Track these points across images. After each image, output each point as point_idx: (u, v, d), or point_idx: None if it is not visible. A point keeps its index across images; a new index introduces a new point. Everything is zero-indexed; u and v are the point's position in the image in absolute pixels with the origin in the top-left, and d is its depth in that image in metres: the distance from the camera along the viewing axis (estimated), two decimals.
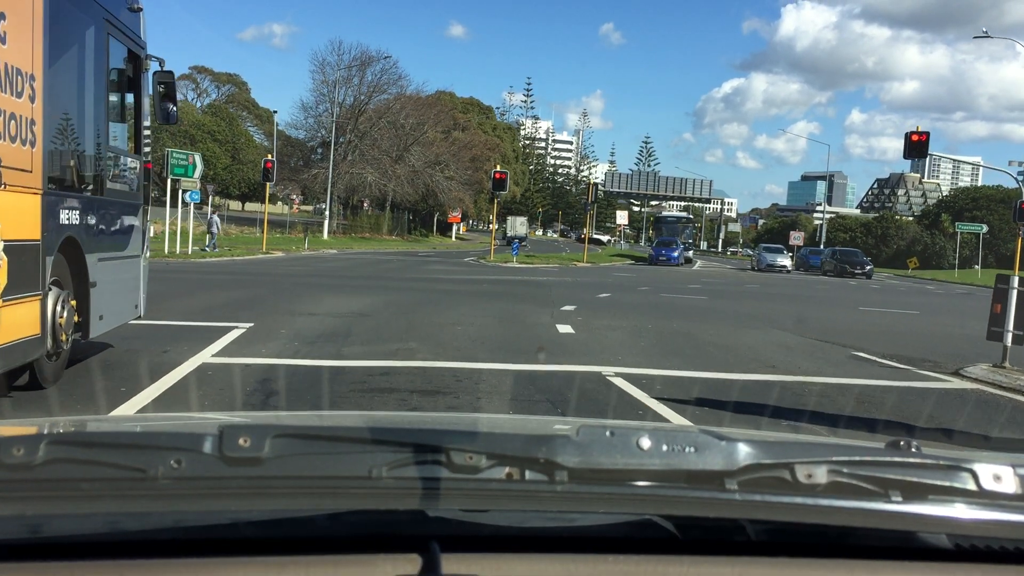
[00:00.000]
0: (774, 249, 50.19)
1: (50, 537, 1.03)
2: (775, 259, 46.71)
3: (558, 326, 11.35)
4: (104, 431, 1.45)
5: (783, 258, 47.47)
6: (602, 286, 21.83)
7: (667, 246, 47.51)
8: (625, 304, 15.98)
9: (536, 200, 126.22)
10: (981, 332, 9.80)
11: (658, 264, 44.82)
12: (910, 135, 33.57)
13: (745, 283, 28.94)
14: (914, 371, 9.29)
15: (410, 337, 9.78)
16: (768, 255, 47.39)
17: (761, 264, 46.66)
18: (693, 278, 31.44)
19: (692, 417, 6.04)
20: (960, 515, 1.14)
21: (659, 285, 23.79)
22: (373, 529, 1.08)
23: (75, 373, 6.69)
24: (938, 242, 75.09)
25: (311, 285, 17.77)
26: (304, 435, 1.20)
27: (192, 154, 33.43)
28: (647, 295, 18.93)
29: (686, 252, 51.42)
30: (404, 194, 64.67)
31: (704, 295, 19.86)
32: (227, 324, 9.85)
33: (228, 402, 6.18)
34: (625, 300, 17.13)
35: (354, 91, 64.56)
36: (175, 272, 20.81)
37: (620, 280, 26.23)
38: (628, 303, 16.39)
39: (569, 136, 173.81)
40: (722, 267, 52.83)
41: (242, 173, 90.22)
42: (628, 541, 1.13)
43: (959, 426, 6.52)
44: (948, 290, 33.26)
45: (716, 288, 23.70)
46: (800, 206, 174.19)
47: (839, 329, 13.11)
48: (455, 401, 6.43)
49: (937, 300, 25.64)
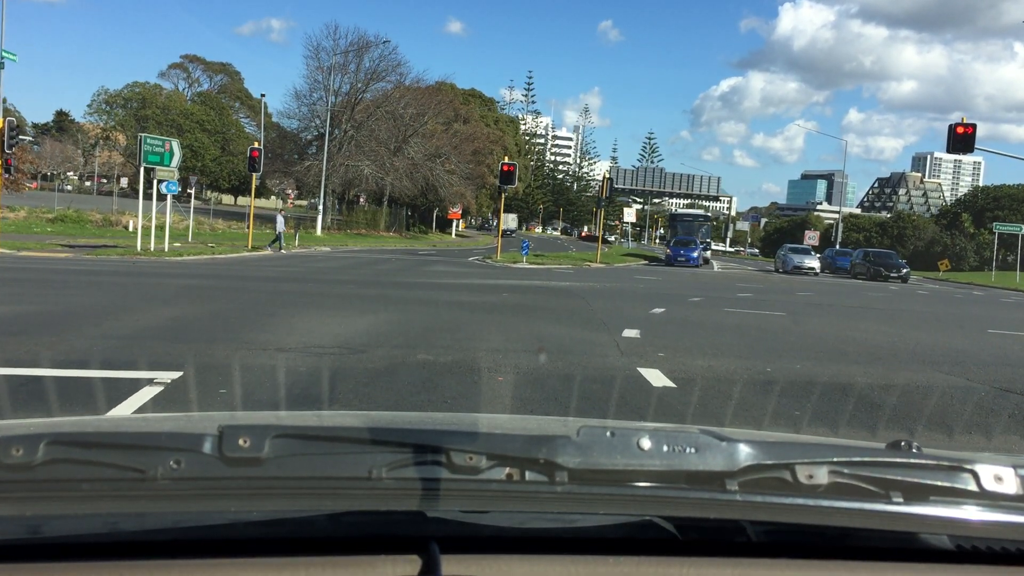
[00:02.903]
0: (801, 250, 47.05)
1: (50, 537, 1.02)
2: (803, 261, 43.66)
3: (643, 372, 7.56)
4: (103, 431, 1.40)
5: (811, 260, 44.34)
6: (645, 297, 18.32)
7: (685, 246, 44.79)
8: (697, 326, 12.32)
9: (537, 196, 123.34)
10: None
11: (676, 265, 42.52)
12: (954, 127, 29.92)
13: (795, 290, 25.40)
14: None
15: (429, 400, 6.21)
16: (795, 256, 44.30)
17: (787, 266, 43.55)
18: (732, 284, 28.10)
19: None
20: (961, 516, 1.13)
21: (709, 294, 20.22)
22: (373, 530, 1.07)
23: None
24: (959, 243, 72.45)
25: (291, 294, 14.35)
26: (304, 436, 1.17)
27: (168, 140, 30.23)
28: (709, 311, 15.31)
29: (704, 252, 48.87)
30: (402, 188, 61.71)
31: (774, 309, 16.27)
32: (139, 375, 6.26)
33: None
34: (692, 319, 13.48)
35: (350, 78, 61.61)
36: (134, 275, 17.80)
37: (655, 287, 22.71)
38: (699, 324, 12.73)
39: (569, 132, 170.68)
40: (743, 268, 49.69)
41: (232, 165, 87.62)
42: (628, 542, 1.12)
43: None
44: (1019, 300, 29.63)
45: (772, 299, 19.98)
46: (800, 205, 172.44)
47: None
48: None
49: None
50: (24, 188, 45.85)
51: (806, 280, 35.75)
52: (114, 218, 44.74)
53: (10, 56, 28.67)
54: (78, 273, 17.33)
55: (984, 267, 59.31)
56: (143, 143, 27.78)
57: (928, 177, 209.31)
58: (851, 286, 32.15)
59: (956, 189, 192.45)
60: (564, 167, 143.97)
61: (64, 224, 41.07)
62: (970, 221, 74.87)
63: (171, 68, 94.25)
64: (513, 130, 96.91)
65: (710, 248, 59.05)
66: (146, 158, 27.81)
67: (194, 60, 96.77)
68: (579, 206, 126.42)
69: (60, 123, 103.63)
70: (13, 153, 28.60)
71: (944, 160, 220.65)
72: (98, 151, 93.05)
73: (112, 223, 43.34)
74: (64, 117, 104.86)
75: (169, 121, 77.10)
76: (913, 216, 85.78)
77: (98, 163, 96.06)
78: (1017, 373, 9.25)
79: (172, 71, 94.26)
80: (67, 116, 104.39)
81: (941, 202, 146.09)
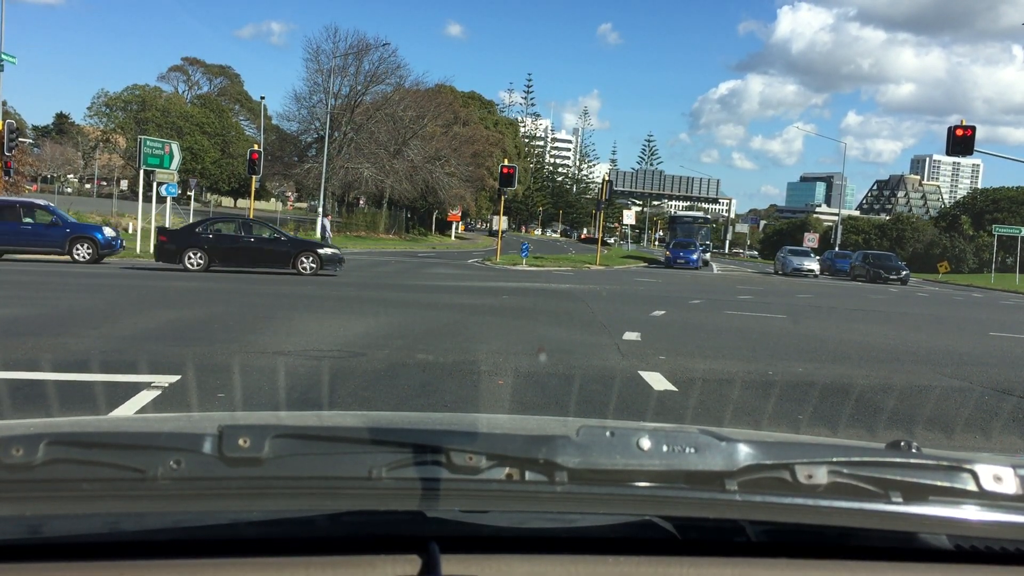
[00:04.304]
0: (800, 252, 47.03)
1: (50, 537, 1.02)
2: (802, 263, 43.59)
3: (643, 375, 7.55)
4: (104, 431, 1.40)
5: (811, 262, 44.28)
6: (645, 299, 18.29)
7: (685, 248, 44.88)
8: (698, 328, 12.28)
9: (536, 199, 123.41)
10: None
11: (675, 267, 42.64)
12: (954, 130, 29.85)
13: (795, 292, 25.32)
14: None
15: (429, 403, 6.19)
16: (795, 259, 44.24)
17: (787, 268, 43.49)
18: (731, 286, 28.12)
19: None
20: (961, 516, 1.13)
21: (709, 297, 20.23)
22: (373, 530, 1.07)
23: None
24: (958, 245, 72.48)
25: (290, 297, 14.19)
26: (304, 435, 1.17)
27: (168, 143, 30.29)
28: (710, 313, 15.28)
29: (704, 254, 48.96)
30: (402, 191, 61.75)
31: (775, 312, 16.23)
32: (137, 378, 6.25)
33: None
34: (692, 321, 13.43)
35: (350, 81, 61.57)
36: (132, 278, 17.36)
37: (655, 289, 22.69)
38: (700, 326, 12.69)
39: (568, 135, 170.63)
40: (743, 270, 49.66)
41: (232, 167, 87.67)
42: (628, 542, 1.12)
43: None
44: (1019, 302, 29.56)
45: (772, 301, 20.09)
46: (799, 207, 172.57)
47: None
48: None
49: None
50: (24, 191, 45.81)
51: (806, 282, 35.67)
52: (114, 221, 44.72)
53: (10, 59, 28.67)
54: (77, 276, 17.31)
55: (983, 269, 59.34)
56: (143, 145, 27.81)
57: (927, 179, 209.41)
58: (851, 288, 32.09)
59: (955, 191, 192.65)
60: (563, 169, 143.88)
61: None
62: (969, 223, 74.88)
63: (171, 71, 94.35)
64: (512, 132, 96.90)
65: (709, 250, 59.00)
66: (146, 160, 27.85)
67: (194, 63, 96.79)
68: (578, 208, 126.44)
69: (60, 125, 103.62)
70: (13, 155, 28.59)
71: (943, 162, 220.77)
72: (98, 153, 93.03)
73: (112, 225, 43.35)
74: (64, 119, 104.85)
75: (169, 123, 77.10)
76: (912, 218, 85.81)
77: (98, 165, 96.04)
78: (1017, 375, 9.23)
79: (172, 73, 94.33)
80: (67, 118, 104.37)
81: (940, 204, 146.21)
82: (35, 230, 22.66)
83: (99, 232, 23.74)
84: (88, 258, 22.46)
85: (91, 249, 22.63)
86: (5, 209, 22.89)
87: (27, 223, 22.68)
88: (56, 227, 22.78)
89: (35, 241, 22.68)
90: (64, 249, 22.44)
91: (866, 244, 69.88)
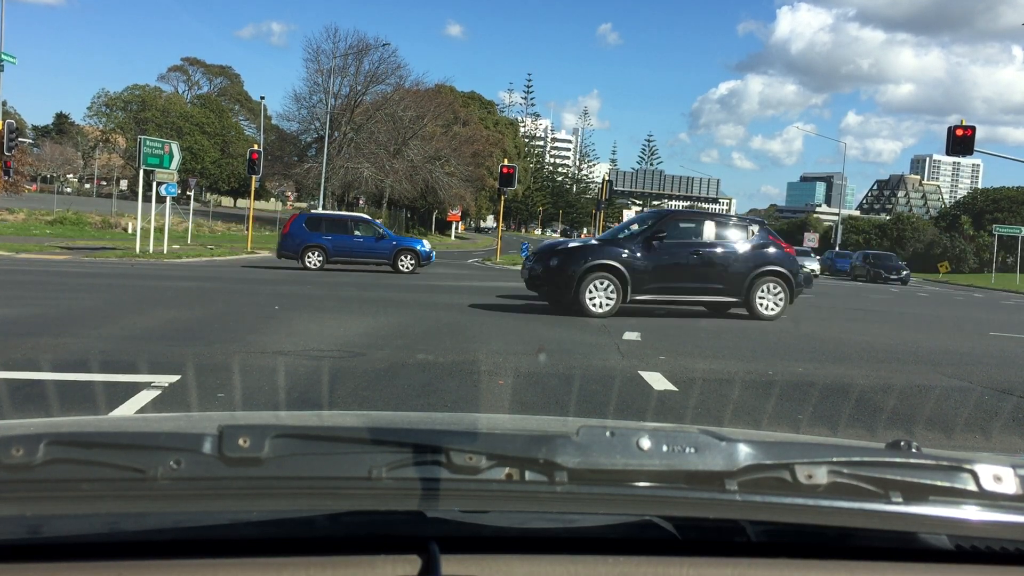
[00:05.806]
0: (801, 252, 46.94)
1: (50, 537, 1.02)
2: (802, 263, 43.42)
3: (644, 375, 7.54)
4: (104, 431, 1.40)
5: (811, 262, 44.21)
6: None
7: None
8: (699, 329, 12.25)
9: (536, 199, 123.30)
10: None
11: None
12: (954, 129, 29.77)
13: None
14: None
15: (429, 403, 6.18)
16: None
17: None
18: None
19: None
20: (961, 516, 1.13)
21: None
22: (373, 530, 1.07)
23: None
24: (958, 245, 72.38)
25: (290, 297, 14.25)
26: (304, 435, 1.17)
27: (167, 142, 30.25)
28: (710, 313, 15.23)
29: None
30: (402, 190, 61.75)
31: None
32: (137, 378, 6.23)
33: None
34: (692, 321, 13.45)
35: (350, 81, 61.59)
36: (132, 277, 17.67)
37: None
38: (699, 327, 12.68)
39: (568, 135, 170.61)
40: None
41: (232, 167, 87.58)
42: (628, 542, 1.11)
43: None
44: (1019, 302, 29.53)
45: None
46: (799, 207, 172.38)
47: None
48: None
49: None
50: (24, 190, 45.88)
51: (819, 284, 35.68)
52: (113, 220, 44.78)
53: (10, 59, 28.66)
54: (77, 275, 17.30)
55: (984, 269, 59.30)
56: (142, 145, 27.79)
57: (927, 179, 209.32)
58: (851, 288, 32.11)
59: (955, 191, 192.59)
60: (563, 169, 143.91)
61: (63, 226, 41.12)
62: (969, 223, 74.82)
63: (171, 71, 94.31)
64: (512, 132, 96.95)
65: None
66: (145, 160, 27.83)
67: (194, 63, 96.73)
68: (578, 208, 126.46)
69: (60, 125, 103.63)
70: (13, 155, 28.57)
71: (943, 162, 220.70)
72: (98, 153, 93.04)
73: (111, 225, 43.38)
74: (64, 119, 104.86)
75: (169, 123, 77.08)
76: (912, 218, 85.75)
77: (98, 165, 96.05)
78: (1017, 375, 9.23)
79: (172, 74, 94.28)
80: (67, 118, 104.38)
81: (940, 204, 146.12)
82: (366, 243, 24.46)
83: (420, 245, 25.66)
84: (410, 269, 24.29)
85: (414, 260, 24.47)
86: (337, 223, 24.90)
87: (357, 236, 24.44)
88: (384, 240, 24.72)
89: (366, 253, 24.47)
90: (390, 261, 24.31)
91: (866, 244, 69.81)
